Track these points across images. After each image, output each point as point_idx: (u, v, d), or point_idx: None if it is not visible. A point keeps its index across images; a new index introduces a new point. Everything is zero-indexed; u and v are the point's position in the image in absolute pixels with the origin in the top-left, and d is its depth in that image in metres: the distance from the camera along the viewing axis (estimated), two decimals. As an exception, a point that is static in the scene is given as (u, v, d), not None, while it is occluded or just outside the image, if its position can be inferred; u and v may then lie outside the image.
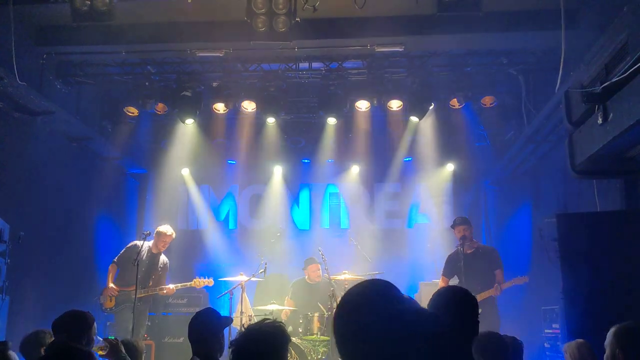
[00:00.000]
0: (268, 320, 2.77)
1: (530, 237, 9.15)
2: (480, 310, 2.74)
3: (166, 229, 8.11)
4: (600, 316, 5.09)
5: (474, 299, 2.57)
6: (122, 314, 7.71)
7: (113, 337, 4.39)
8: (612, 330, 3.20)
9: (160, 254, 8.10)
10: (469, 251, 7.65)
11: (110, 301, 7.70)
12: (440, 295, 2.60)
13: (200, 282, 8.04)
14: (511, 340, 4.32)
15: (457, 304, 2.53)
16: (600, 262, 5.36)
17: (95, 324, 4.17)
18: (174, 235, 8.17)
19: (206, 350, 3.73)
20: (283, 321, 7.89)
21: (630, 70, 4.43)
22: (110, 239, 9.66)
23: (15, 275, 6.71)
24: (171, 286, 7.91)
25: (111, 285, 7.75)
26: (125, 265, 7.87)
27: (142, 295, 7.68)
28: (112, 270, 7.88)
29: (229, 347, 2.72)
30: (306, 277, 8.65)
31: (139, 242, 7.99)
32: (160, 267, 8.04)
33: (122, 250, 8.04)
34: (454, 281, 7.84)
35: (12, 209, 6.90)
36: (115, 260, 7.96)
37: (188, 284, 8.05)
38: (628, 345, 2.97)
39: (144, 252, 7.89)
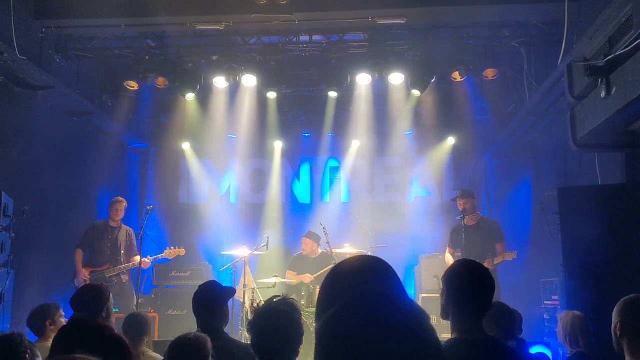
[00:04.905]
0: (279, 298, 2.86)
1: (530, 210, 9.20)
2: None
3: (114, 198, 8.22)
4: (599, 288, 5.15)
5: (488, 273, 2.61)
6: None
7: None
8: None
9: (121, 226, 8.14)
10: (470, 224, 7.69)
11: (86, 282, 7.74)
12: (454, 271, 2.63)
13: (172, 252, 8.09)
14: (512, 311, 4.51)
15: (470, 278, 2.56)
16: (601, 235, 5.39)
17: (111, 295, 4.20)
18: (124, 203, 8.19)
19: (212, 323, 3.76)
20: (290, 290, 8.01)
21: (635, 44, 4.41)
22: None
23: (20, 250, 6.76)
24: (146, 259, 7.85)
25: (81, 269, 7.77)
26: (90, 248, 7.97)
27: (115, 272, 7.79)
28: (78, 255, 7.86)
29: (247, 329, 2.81)
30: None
31: (97, 222, 8.24)
32: (124, 238, 8.08)
33: (83, 234, 8.05)
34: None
35: (15, 184, 6.92)
36: (78, 244, 7.94)
37: (160, 255, 8.07)
38: (626, 317, 3.01)
39: (104, 230, 8.03)
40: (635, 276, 5.13)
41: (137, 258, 7.78)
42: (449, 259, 7.84)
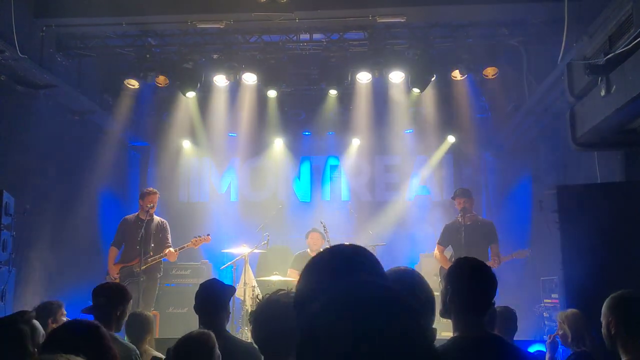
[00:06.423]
0: (283, 291, 2.85)
1: (530, 208, 9.21)
2: None
3: (147, 189, 7.99)
4: (599, 286, 5.14)
5: (490, 271, 2.62)
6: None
7: None
8: (605, 301, 3.23)
9: (153, 219, 7.86)
10: (468, 223, 7.70)
11: (116, 280, 7.64)
12: (456, 269, 2.64)
13: (198, 241, 7.83)
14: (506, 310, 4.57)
15: (473, 276, 2.57)
16: (600, 233, 5.40)
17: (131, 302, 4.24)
18: (158, 194, 7.94)
19: (214, 320, 3.76)
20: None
21: (635, 42, 4.43)
22: (113, 211, 9.70)
23: (21, 248, 6.77)
24: (172, 249, 7.69)
25: (112, 266, 7.62)
26: (122, 243, 7.79)
27: (144, 267, 7.43)
28: (111, 253, 7.71)
29: (249, 318, 2.79)
30: (308, 248, 8.72)
31: (128, 217, 7.96)
32: (156, 231, 7.81)
33: (116, 231, 7.88)
34: (448, 251, 7.93)
35: (16, 183, 6.93)
36: (112, 242, 7.80)
37: (186, 245, 7.80)
38: (619, 314, 3.00)
39: (135, 224, 7.76)
40: (635, 274, 5.15)
41: (167, 250, 7.59)
42: (438, 256, 7.87)
